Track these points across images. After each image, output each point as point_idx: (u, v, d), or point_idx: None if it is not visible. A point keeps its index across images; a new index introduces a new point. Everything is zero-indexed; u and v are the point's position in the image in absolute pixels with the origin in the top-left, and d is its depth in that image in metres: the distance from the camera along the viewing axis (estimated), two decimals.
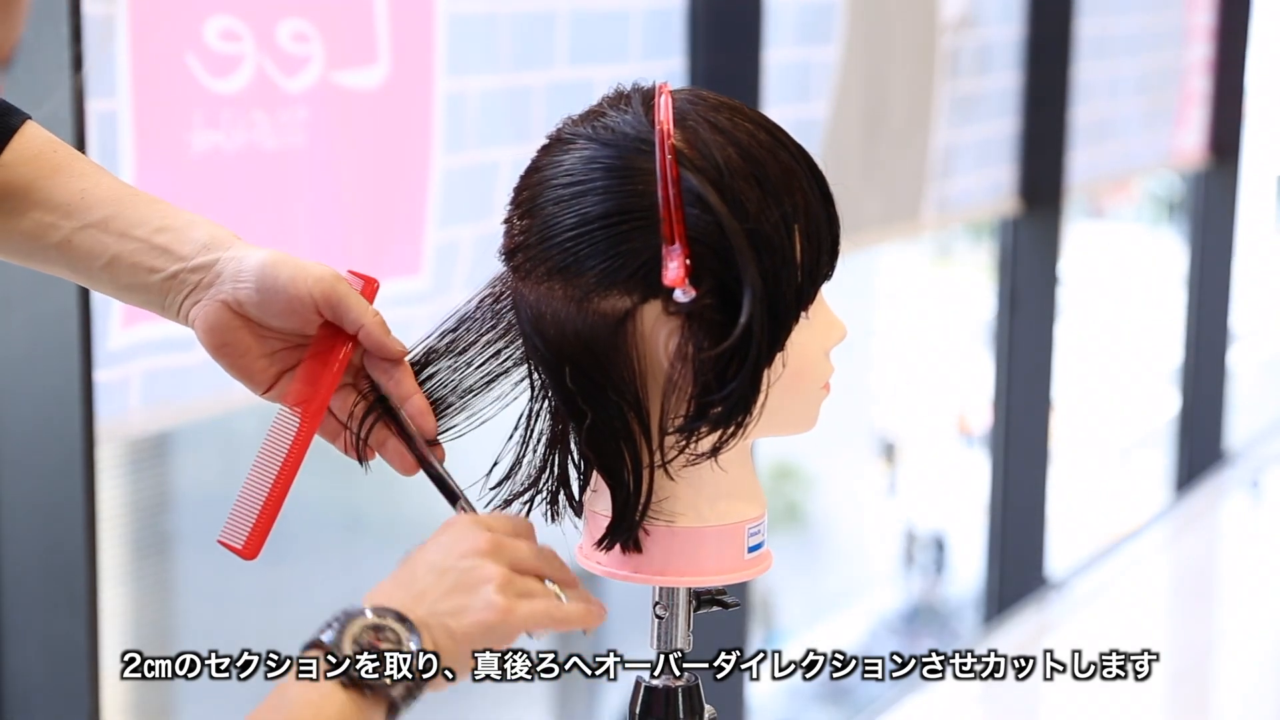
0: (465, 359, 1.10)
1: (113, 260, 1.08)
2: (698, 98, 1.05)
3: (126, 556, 4.45)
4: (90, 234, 1.08)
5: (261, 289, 1.06)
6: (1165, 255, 9.13)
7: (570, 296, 1.03)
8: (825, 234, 1.04)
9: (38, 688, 1.83)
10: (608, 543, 1.08)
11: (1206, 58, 4.65)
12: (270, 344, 1.09)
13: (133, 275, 1.09)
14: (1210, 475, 4.87)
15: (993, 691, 3.58)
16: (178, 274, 1.08)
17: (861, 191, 3.11)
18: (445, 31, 2.16)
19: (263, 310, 1.07)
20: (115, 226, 1.08)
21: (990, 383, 3.98)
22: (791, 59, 2.86)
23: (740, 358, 1.02)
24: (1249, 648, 3.68)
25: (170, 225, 1.09)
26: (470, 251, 2.23)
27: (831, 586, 10.20)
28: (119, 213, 1.09)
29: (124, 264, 1.08)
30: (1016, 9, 3.63)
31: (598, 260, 1.02)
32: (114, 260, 1.08)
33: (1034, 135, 3.70)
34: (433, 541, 1.02)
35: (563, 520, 1.11)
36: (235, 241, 1.09)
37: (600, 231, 1.02)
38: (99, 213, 1.08)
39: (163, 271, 1.08)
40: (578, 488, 1.10)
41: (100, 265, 1.09)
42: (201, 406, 1.99)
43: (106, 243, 1.08)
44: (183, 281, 1.08)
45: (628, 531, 1.07)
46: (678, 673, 1.10)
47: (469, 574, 1.00)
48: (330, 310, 1.07)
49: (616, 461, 1.06)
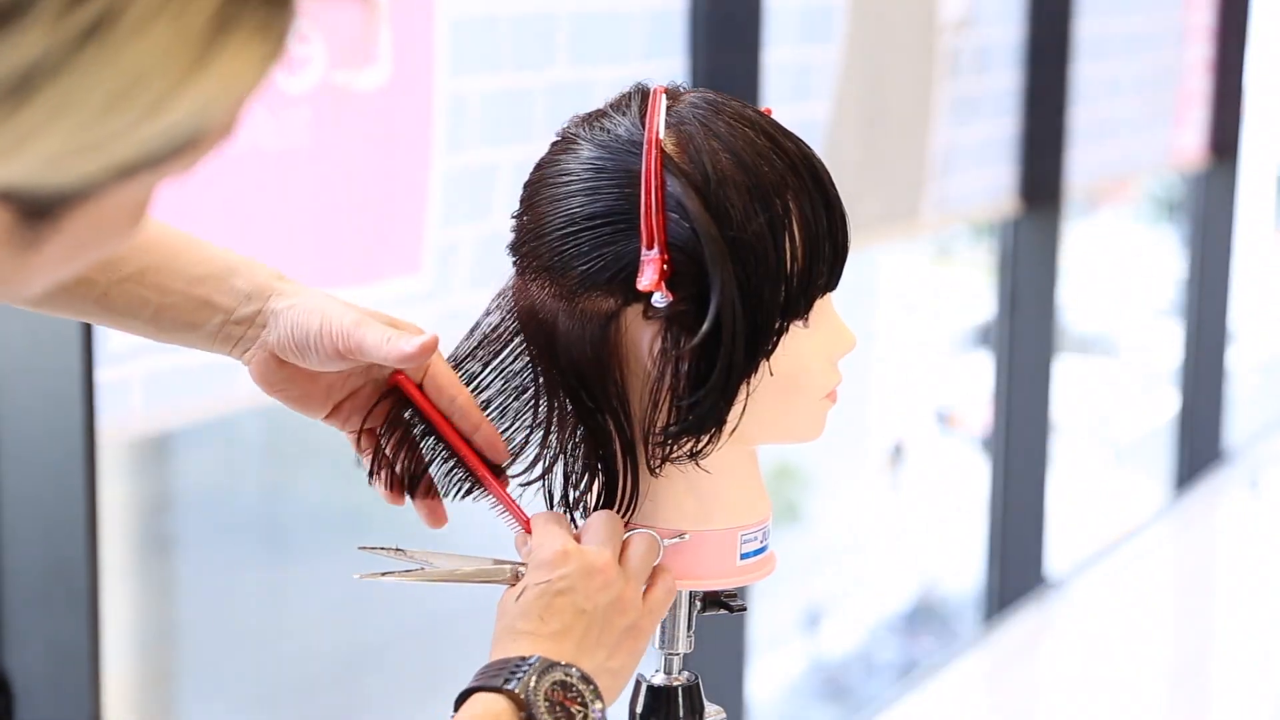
0: (498, 364, 1.10)
1: (155, 314, 1.06)
2: (704, 101, 1.04)
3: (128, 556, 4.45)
4: (127, 289, 1.06)
5: (297, 344, 1.05)
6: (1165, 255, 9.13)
7: (559, 294, 1.04)
8: (824, 243, 1.03)
9: (39, 687, 1.83)
10: None
11: (1206, 57, 4.65)
12: (324, 380, 1.09)
13: (175, 328, 1.07)
14: (1209, 474, 4.87)
15: (993, 691, 3.58)
16: (223, 325, 1.07)
17: (861, 191, 3.11)
18: (446, 32, 2.16)
19: (305, 360, 1.06)
20: (152, 280, 1.06)
21: (990, 383, 3.98)
22: (792, 59, 2.86)
23: (710, 365, 1.01)
24: (1248, 647, 3.68)
25: (209, 274, 1.07)
26: (471, 251, 2.23)
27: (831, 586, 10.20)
28: (156, 263, 1.06)
29: (165, 317, 1.07)
30: (1016, 9, 3.63)
31: (582, 261, 1.02)
32: (156, 314, 1.06)
33: (1034, 135, 3.70)
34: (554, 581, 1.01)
35: None
36: (275, 286, 1.07)
37: (586, 233, 1.02)
38: (135, 264, 1.06)
39: (207, 324, 1.07)
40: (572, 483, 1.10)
41: (143, 319, 1.07)
42: (203, 406, 1.99)
43: (146, 296, 1.06)
44: (228, 334, 1.07)
45: None
46: (677, 672, 1.10)
47: (610, 611, 1.01)
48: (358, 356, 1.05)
49: (603, 460, 1.06)
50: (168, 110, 0.60)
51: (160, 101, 0.60)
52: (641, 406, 1.05)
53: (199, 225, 1.87)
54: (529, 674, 0.96)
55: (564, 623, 0.99)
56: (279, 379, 1.08)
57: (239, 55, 0.61)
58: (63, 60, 0.58)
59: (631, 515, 1.07)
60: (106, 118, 0.59)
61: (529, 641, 0.98)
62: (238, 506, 4.64)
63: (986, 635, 3.73)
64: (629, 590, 1.02)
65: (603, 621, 1.00)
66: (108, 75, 0.58)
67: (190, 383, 1.92)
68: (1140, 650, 3.64)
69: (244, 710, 4.47)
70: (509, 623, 1.00)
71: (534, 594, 1.00)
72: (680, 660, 1.11)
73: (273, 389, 1.09)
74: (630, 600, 1.02)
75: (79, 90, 0.58)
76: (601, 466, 1.07)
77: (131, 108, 0.59)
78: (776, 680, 8.43)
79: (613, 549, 1.03)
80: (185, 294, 1.06)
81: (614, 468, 1.06)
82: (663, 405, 1.03)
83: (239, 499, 4.65)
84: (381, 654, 4.80)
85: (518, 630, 0.99)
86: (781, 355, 1.04)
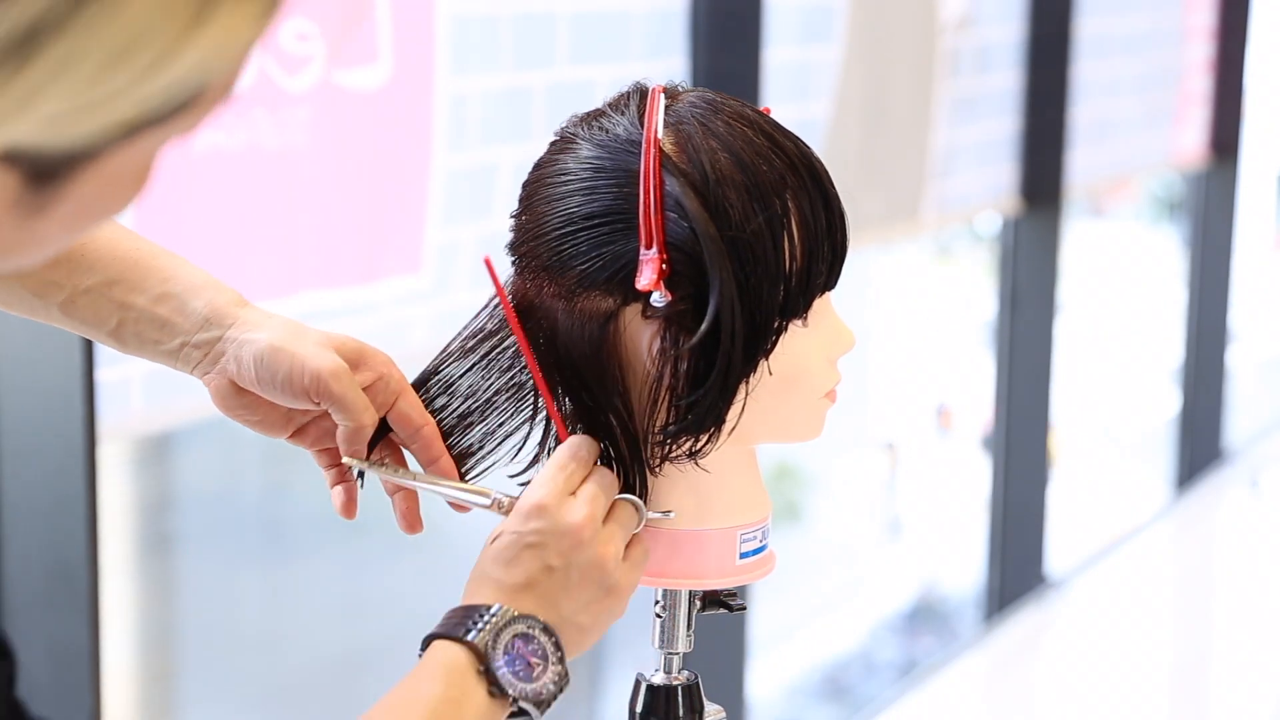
0: (484, 365, 1.10)
1: (117, 327, 1.07)
2: (703, 100, 1.04)
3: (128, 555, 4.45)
4: (91, 299, 1.06)
5: (261, 380, 1.06)
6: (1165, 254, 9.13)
7: (558, 294, 1.04)
8: (823, 243, 1.03)
9: (40, 686, 1.84)
10: None
11: (1206, 57, 4.65)
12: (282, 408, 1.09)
13: (138, 343, 1.08)
14: (1210, 474, 4.87)
15: (993, 690, 3.58)
16: (183, 346, 1.07)
17: (861, 191, 3.11)
18: (446, 31, 2.16)
19: (268, 393, 1.07)
20: (115, 294, 1.06)
21: (990, 383, 3.99)
22: (792, 59, 2.86)
23: (709, 364, 1.01)
24: (1248, 646, 3.68)
25: (169, 292, 1.07)
26: (471, 251, 2.23)
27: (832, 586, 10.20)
28: (119, 276, 1.06)
29: (128, 332, 1.07)
30: (1017, 9, 3.63)
31: (581, 261, 1.02)
32: (118, 327, 1.07)
33: (1034, 135, 3.70)
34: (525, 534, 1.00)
35: None
36: (236, 312, 1.07)
37: (584, 232, 1.02)
38: (99, 275, 1.06)
39: (167, 343, 1.07)
40: None
41: (105, 331, 1.07)
42: (204, 406, 1.99)
43: (108, 310, 1.06)
44: (187, 356, 1.07)
45: None
46: (677, 671, 1.11)
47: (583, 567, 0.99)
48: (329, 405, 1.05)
49: (602, 460, 1.06)
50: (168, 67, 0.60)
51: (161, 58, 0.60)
52: (640, 406, 1.05)
53: (199, 225, 1.88)
54: (490, 625, 0.95)
55: (528, 575, 0.98)
56: (238, 405, 1.09)
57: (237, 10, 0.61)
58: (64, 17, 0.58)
59: None
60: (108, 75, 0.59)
61: (493, 589, 0.98)
62: (238, 506, 4.64)
63: (987, 635, 3.73)
64: (607, 549, 1.01)
65: (576, 579, 0.99)
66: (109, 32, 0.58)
67: (191, 382, 1.91)
68: (1140, 650, 3.64)
69: (244, 710, 4.48)
70: (482, 566, 1.00)
71: (505, 541, 1.00)
72: (680, 659, 1.11)
73: (231, 413, 1.09)
74: (607, 559, 1.00)
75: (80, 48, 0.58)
76: (602, 466, 1.07)
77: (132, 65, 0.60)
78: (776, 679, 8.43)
79: (592, 508, 1.01)
80: (147, 311, 1.06)
81: (615, 467, 1.06)
82: (662, 404, 1.03)
83: (239, 499, 4.65)
84: (381, 654, 4.80)
85: (487, 575, 0.99)
86: (780, 354, 1.04)
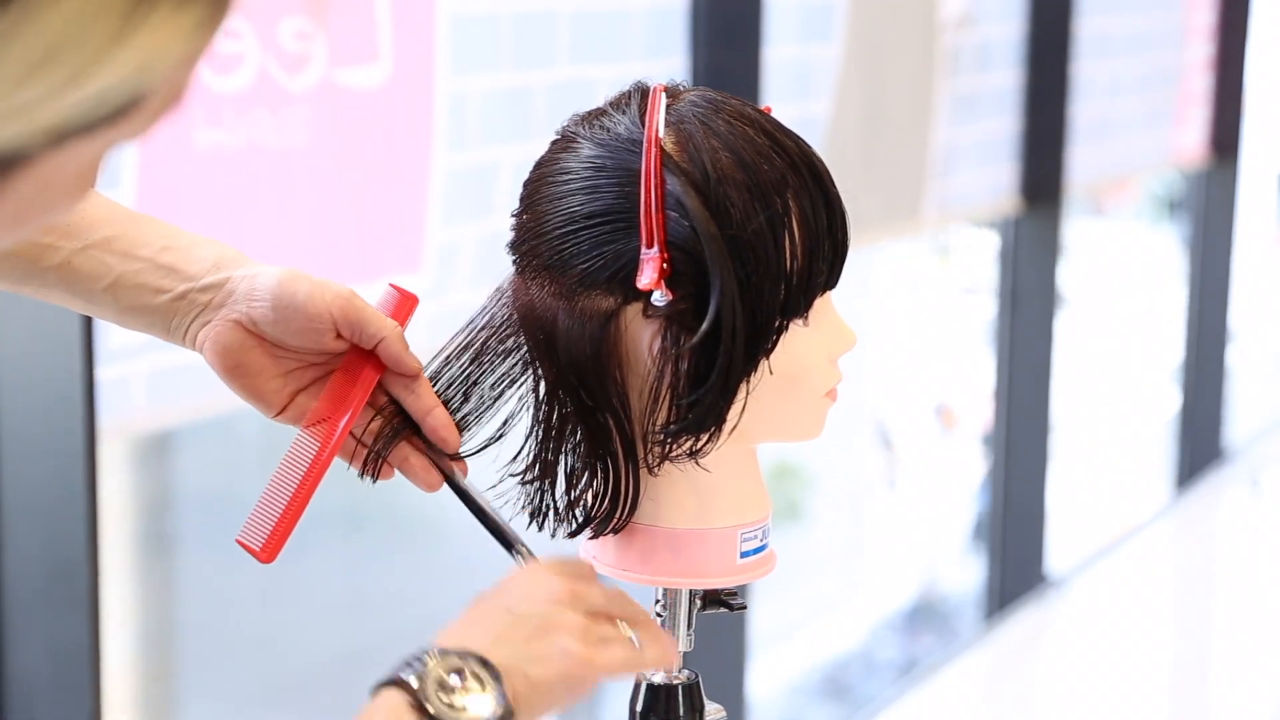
0: (482, 363, 1.09)
1: (116, 281, 1.05)
2: (704, 100, 1.04)
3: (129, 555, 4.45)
4: (92, 255, 1.04)
5: (278, 306, 1.04)
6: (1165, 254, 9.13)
7: (558, 293, 1.04)
8: (824, 241, 1.03)
9: (40, 686, 1.84)
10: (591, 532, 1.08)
11: (1206, 57, 4.65)
12: (285, 363, 1.07)
13: (137, 296, 1.05)
14: (1210, 473, 4.87)
15: (993, 689, 3.58)
16: (186, 294, 1.05)
17: (862, 190, 3.11)
18: (447, 30, 2.16)
19: (279, 329, 1.05)
20: (118, 247, 1.05)
21: (990, 382, 3.99)
22: (792, 57, 2.86)
23: (710, 364, 1.01)
24: (1248, 646, 3.68)
25: (175, 244, 1.06)
26: (472, 250, 2.23)
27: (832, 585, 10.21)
28: (122, 233, 1.05)
29: (128, 285, 1.05)
30: (1017, 8, 3.63)
31: (582, 260, 1.02)
32: (117, 281, 1.05)
33: (1034, 134, 3.70)
34: (506, 586, 0.98)
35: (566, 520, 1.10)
36: (245, 260, 1.06)
37: (585, 231, 1.02)
38: (100, 232, 1.04)
39: (170, 292, 1.05)
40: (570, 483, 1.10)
41: (102, 287, 1.05)
42: (205, 405, 1.99)
43: (109, 263, 1.04)
44: (191, 302, 1.05)
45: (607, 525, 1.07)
46: (677, 670, 1.11)
47: (547, 621, 0.95)
48: (349, 327, 1.05)
49: (602, 459, 1.06)
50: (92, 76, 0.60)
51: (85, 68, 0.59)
52: (641, 405, 1.04)
53: (198, 224, 1.88)
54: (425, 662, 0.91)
55: (485, 615, 0.95)
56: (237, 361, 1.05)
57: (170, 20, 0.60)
58: None
59: (631, 515, 1.07)
60: (27, 84, 0.59)
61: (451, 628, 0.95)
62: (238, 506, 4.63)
63: (987, 634, 3.74)
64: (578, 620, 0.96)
65: (535, 627, 0.94)
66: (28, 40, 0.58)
67: (192, 381, 1.92)
68: (1140, 649, 3.64)
69: (244, 710, 4.48)
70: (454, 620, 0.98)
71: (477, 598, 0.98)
72: (680, 658, 1.11)
73: (229, 373, 1.06)
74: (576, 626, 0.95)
75: None
76: (601, 465, 1.07)
77: (53, 74, 0.59)
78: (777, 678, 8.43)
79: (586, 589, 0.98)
80: (152, 261, 1.05)
81: (613, 466, 1.06)
82: (662, 404, 1.03)
83: (239, 498, 4.65)
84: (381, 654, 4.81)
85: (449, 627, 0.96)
86: (781, 354, 1.03)
